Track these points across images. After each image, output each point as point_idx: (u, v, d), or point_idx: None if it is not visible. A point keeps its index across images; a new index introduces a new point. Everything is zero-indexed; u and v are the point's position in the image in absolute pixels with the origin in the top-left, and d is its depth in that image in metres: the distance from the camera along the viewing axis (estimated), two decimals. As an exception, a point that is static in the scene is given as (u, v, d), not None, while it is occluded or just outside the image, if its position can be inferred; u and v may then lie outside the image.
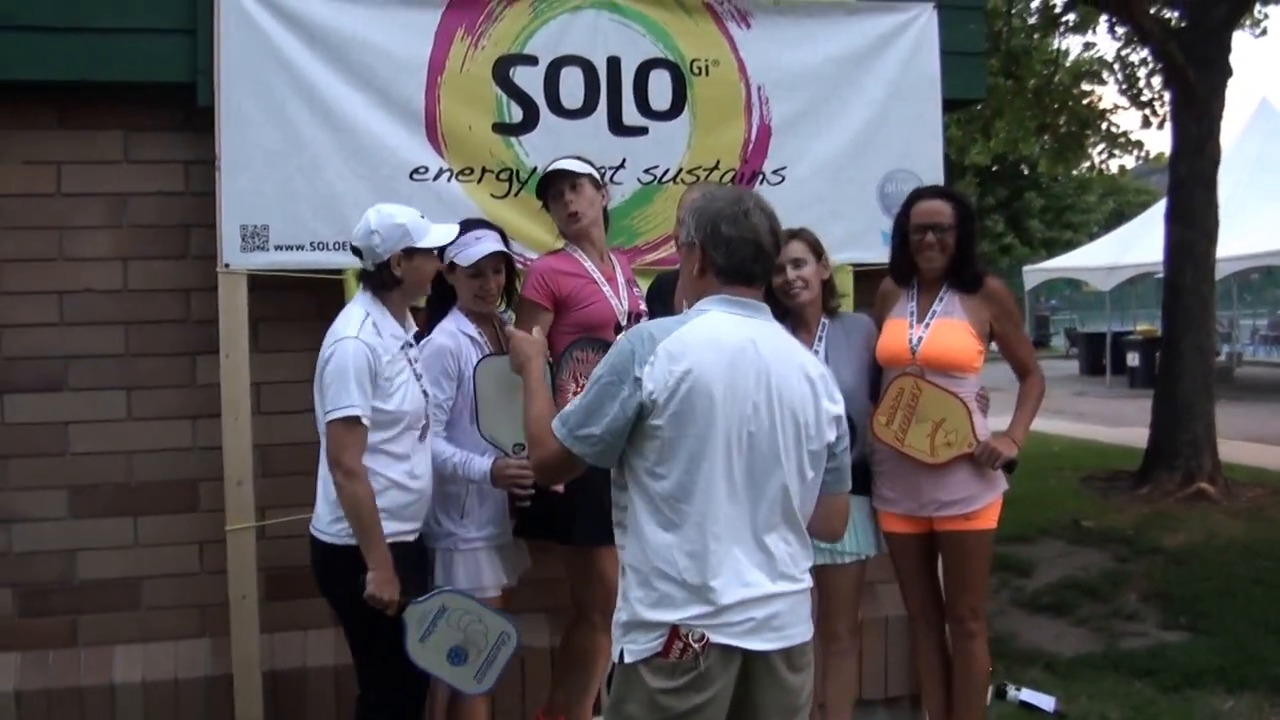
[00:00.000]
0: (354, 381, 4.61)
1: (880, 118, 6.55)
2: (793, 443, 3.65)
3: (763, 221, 3.73)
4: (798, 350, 3.79)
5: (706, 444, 3.54)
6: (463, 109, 6.00)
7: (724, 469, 3.56)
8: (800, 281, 5.43)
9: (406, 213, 4.87)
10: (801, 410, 3.67)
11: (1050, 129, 17.98)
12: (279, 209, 5.75)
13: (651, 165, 6.24)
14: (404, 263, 4.83)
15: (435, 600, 4.76)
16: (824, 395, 3.75)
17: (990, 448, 5.37)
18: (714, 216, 3.72)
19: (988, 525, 5.49)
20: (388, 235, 4.79)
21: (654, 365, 3.53)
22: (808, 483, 3.72)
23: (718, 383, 3.55)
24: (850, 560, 5.58)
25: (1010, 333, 5.57)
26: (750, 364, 3.60)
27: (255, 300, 5.73)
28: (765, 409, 3.60)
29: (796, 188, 6.39)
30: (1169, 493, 12.89)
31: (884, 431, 5.45)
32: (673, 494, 3.57)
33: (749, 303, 3.73)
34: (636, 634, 3.62)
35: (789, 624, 3.68)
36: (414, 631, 4.73)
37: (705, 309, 3.71)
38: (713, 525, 3.55)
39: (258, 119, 5.71)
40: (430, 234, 4.88)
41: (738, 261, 3.71)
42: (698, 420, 3.53)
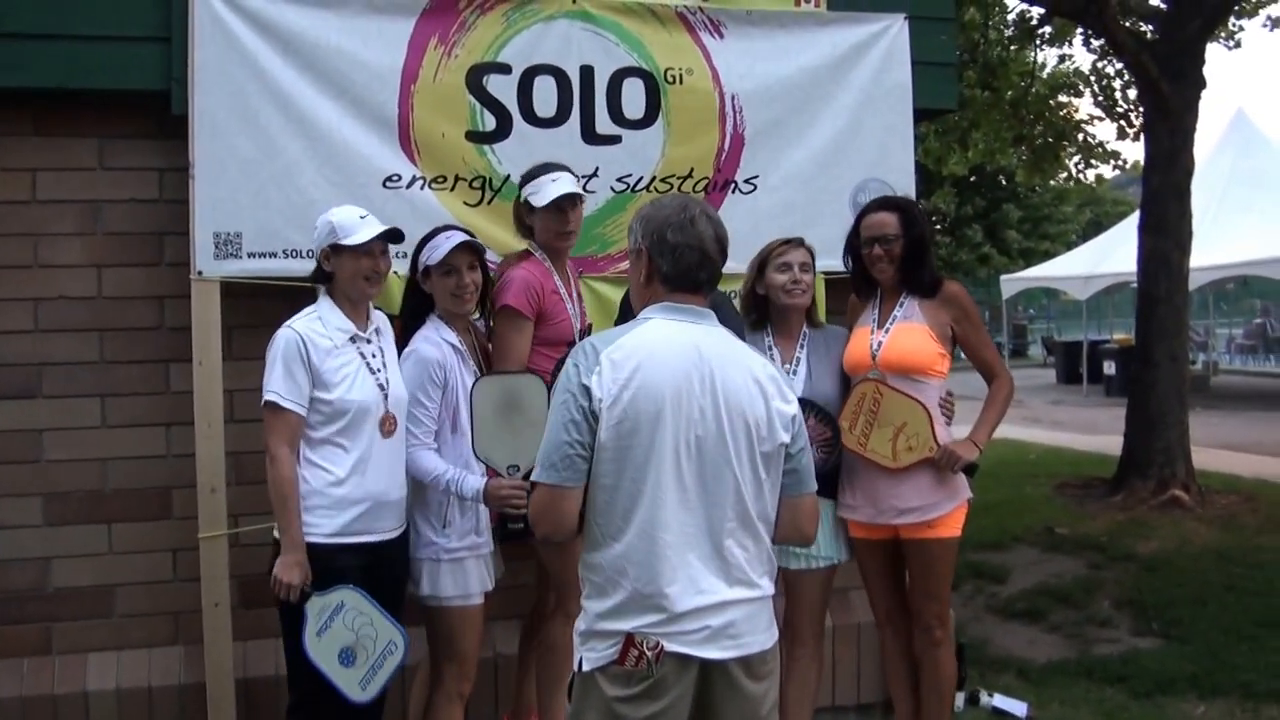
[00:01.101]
0: (280, 368, 4.75)
1: (852, 127, 6.59)
2: (744, 446, 3.62)
3: (708, 229, 3.72)
4: (745, 353, 3.77)
5: (653, 451, 3.52)
6: (436, 117, 6.00)
7: (674, 475, 3.54)
8: (803, 285, 5.48)
9: (344, 212, 5.01)
10: (751, 412, 3.64)
11: (1027, 140, 18.02)
12: (252, 216, 5.74)
13: (624, 173, 6.25)
14: (332, 258, 4.95)
15: (336, 595, 4.77)
16: (775, 396, 3.71)
17: (949, 451, 5.38)
18: (660, 224, 3.71)
19: (951, 533, 5.49)
20: (319, 232, 4.99)
21: (600, 375, 3.52)
22: (763, 486, 3.69)
23: (663, 389, 3.53)
24: (823, 565, 5.60)
25: (972, 335, 5.58)
26: (695, 369, 3.59)
27: (228, 308, 5.72)
28: (712, 413, 3.58)
29: (769, 196, 6.43)
30: (1143, 500, 12.89)
31: (847, 436, 5.47)
32: (622, 503, 3.55)
33: (693, 309, 3.72)
34: (594, 642, 3.61)
35: (746, 632, 3.64)
36: (312, 623, 4.76)
37: (649, 317, 3.71)
38: (664, 533, 3.53)
39: (231, 127, 5.71)
40: (357, 234, 4.92)
41: (683, 269, 3.70)
42: (644, 428, 3.52)
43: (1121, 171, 21.00)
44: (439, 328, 5.19)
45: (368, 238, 4.91)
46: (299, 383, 4.75)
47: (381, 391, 4.91)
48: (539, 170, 5.51)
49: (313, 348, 4.78)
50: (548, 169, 5.49)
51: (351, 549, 4.83)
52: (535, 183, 5.45)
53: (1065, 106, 18.22)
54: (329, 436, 4.84)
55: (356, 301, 5.00)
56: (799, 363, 5.55)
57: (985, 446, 5.51)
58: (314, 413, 4.82)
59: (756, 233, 6.20)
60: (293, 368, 4.75)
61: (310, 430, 4.84)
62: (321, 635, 4.76)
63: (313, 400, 4.80)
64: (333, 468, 4.83)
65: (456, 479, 4.98)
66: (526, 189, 5.48)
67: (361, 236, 4.90)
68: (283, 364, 4.75)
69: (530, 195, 5.46)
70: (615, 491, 3.56)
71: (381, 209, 5.32)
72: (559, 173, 5.48)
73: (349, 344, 4.89)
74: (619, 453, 3.53)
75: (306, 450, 4.85)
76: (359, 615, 4.80)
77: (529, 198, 5.46)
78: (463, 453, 5.08)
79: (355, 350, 4.90)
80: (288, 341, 4.78)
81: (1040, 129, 17.79)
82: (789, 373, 5.50)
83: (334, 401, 4.80)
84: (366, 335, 4.98)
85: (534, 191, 5.44)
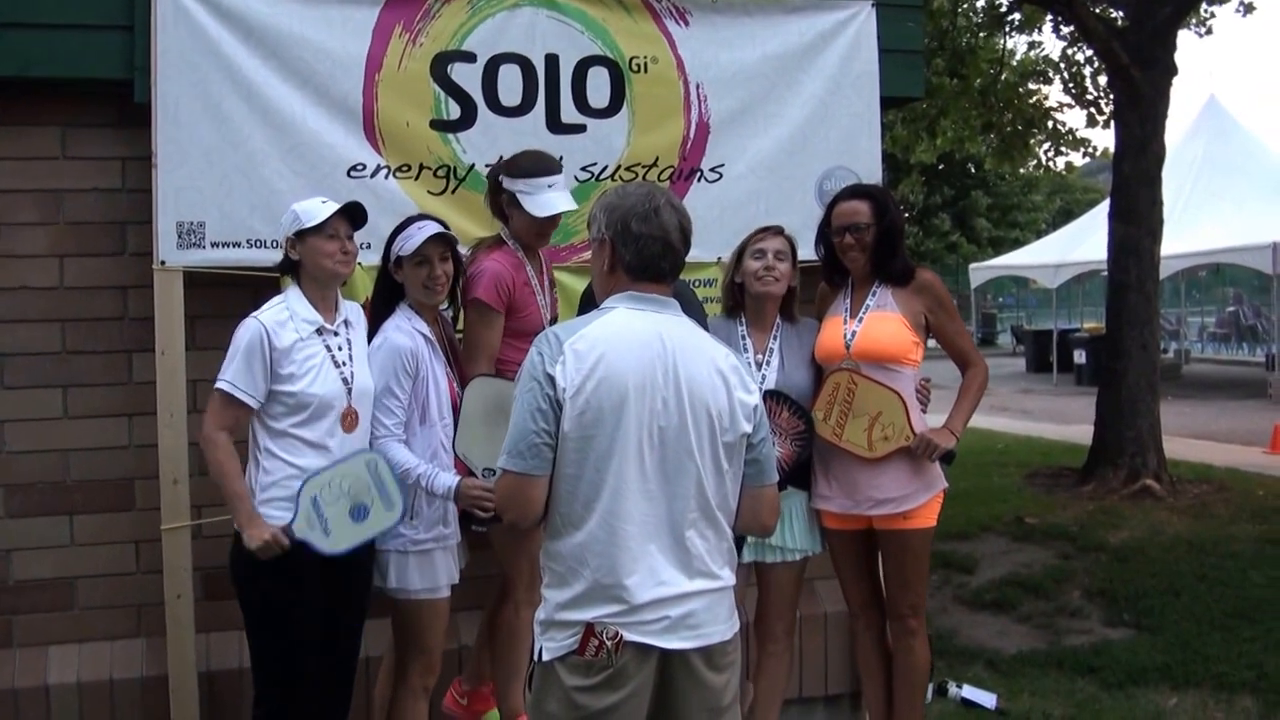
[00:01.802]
0: (240, 359, 4.80)
1: (819, 115, 6.63)
2: (706, 436, 3.68)
3: (672, 219, 3.77)
4: (707, 343, 3.82)
5: (616, 441, 3.58)
6: (401, 106, 6.03)
7: (635, 466, 3.60)
8: (776, 272, 5.50)
9: (306, 201, 5.08)
10: (714, 403, 3.69)
11: (996, 127, 18.14)
12: (215, 206, 5.76)
13: (589, 162, 6.29)
14: (298, 245, 4.99)
15: (302, 499, 4.81)
16: (737, 387, 3.77)
17: (926, 439, 5.42)
18: (625, 214, 3.76)
19: (926, 523, 5.55)
20: (284, 223, 5.05)
21: (564, 364, 3.57)
22: (725, 476, 3.74)
23: (626, 379, 3.59)
24: (797, 557, 5.66)
25: (946, 324, 5.63)
26: (657, 359, 3.64)
27: (191, 298, 5.73)
28: (675, 403, 3.64)
29: (735, 185, 6.48)
30: (1113, 490, 13.04)
31: (821, 426, 5.50)
32: (584, 492, 3.61)
33: (656, 298, 3.77)
34: (554, 631, 3.66)
35: (706, 622, 3.69)
36: (317, 537, 4.82)
37: (611, 306, 3.76)
38: (625, 523, 3.59)
39: (194, 116, 5.72)
40: (319, 216, 4.97)
41: (647, 258, 3.75)
42: (607, 418, 3.57)
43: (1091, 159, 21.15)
44: (410, 317, 5.19)
45: (325, 216, 4.95)
46: (255, 376, 4.79)
47: (345, 386, 4.93)
48: (533, 167, 5.47)
49: (276, 342, 4.81)
50: (542, 169, 5.46)
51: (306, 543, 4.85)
52: (530, 182, 5.42)
53: (1035, 94, 18.36)
54: (289, 428, 4.87)
55: (325, 286, 5.03)
56: (771, 353, 5.60)
57: (961, 434, 5.57)
58: (276, 403, 4.85)
59: (722, 221, 6.28)
60: (252, 360, 4.79)
61: (272, 420, 4.88)
62: (330, 533, 4.83)
63: (274, 393, 4.84)
64: (293, 459, 4.87)
65: (428, 475, 4.99)
66: (519, 184, 5.44)
67: (322, 216, 4.95)
68: (243, 356, 4.79)
69: (523, 196, 5.42)
70: (577, 481, 3.61)
71: (346, 198, 5.33)
72: (555, 178, 5.47)
73: (315, 336, 4.92)
74: (582, 442, 3.58)
75: (267, 440, 4.89)
76: (329, 485, 4.85)
77: (520, 196, 5.44)
78: (431, 443, 5.12)
79: (321, 343, 4.93)
80: (252, 333, 4.81)
81: (1009, 116, 17.91)
82: (761, 363, 5.55)
83: (296, 394, 4.83)
84: (334, 327, 5.00)
85: (528, 193, 5.41)
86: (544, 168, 5.47)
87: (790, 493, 5.52)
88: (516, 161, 5.54)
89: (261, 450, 4.90)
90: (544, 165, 5.49)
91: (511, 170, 5.50)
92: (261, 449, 4.90)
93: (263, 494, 4.85)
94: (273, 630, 4.91)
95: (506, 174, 5.50)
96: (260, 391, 4.81)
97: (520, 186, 5.43)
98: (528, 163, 5.50)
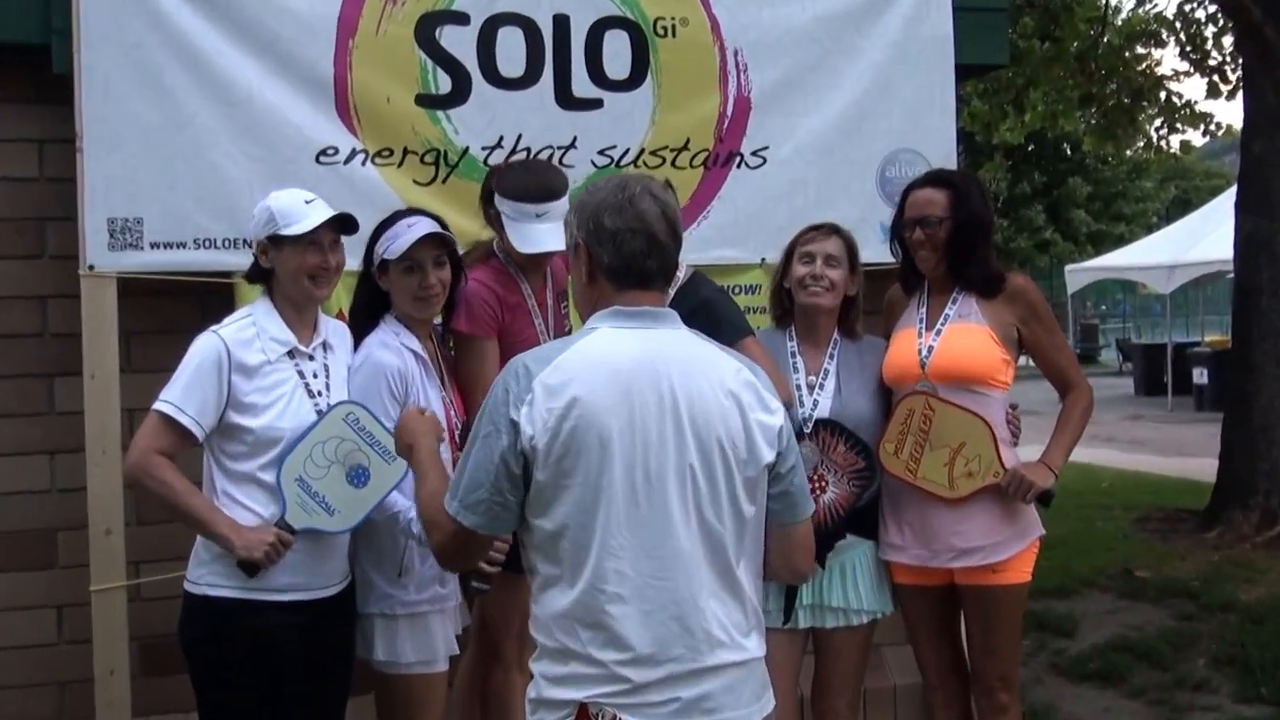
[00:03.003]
0: (189, 375, 4.66)
1: (880, 88, 6.59)
2: (720, 473, 3.57)
3: (653, 207, 3.64)
4: (714, 358, 3.70)
5: (601, 491, 3.46)
6: (379, 78, 6.00)
7: (627, 518, 3.48)
8: (825, 281, 5.40)
9: (286, 196, 4.89)
10: (725, 432, 3.58)
11: (1097, 100, 18.07)
12: (155, 199, 5.73)
13: (607, 145, 6.26)
14: (270, 251, 4.83)
15: (285, 487, 4.71)
16: (754, 407, 3.65)
17: (1021, 477, 5.31)
18: (595, 209, 3.65)
19: (1019, 578, 5.44)
20: (256, 220, 4.87)
21: (531, 405, 3.46)
22: (747, 520, 3.64)
23: (611, 414, 3.47)
24: (865, 620, 5.54)
25: (1043, 338, 5.52)
26: (651, 386, 3.53)
27: (127, 309, 5.71)
28: (675, 438, 3.53)
29: (780, 171, 6.45)
30: (1244, 536, 12.92)
31: (892, 461, 5.40)
32: (569, 551, 3.51)
33: (646, 310, 3.65)
34: (544, 712, 3.58)
35: (726, 705, 3.58)
36: (321, 521, 4.75)
37: (593, 327, 3.65)
38: (618, 587, 3.49)
39: (128, 89, 5.69)
40: (303, 220, 4.79)
41: (627, 258, 3.63)
42: (589, 463, 3.46)
43: (1213, 138, 21.04)
44: (398, 331, 5.09)
45: (313, 225, 4.78)
46: (206, 400, 4.65)
47: (319, 420, 4.82)
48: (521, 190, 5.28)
49: (237, 364, 4.68)
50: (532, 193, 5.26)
51: (284, 607, 4.74)
52: (516, 207, 5.26)
53: (1144, 59, 18.27)
54: (255, 471, 4.73)
55: (301, 306, 4.90)
56: (827, 374, 5.51)
57: (1061, 471, 5.47)
58: (236, 442, 4.74)
59: (766, 215, 6.24)
60: (204, 380, 4.65)
61: (231, 461, 4.76)
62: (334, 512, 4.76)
63: (232, 426, 4.71)
64: (259, 508, 4.73)
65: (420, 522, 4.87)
66: (504, 205, 5.29)
67: (306, 224, 4.78)
68: (193, 373, 4.65)
69: (507, 221, 5.29)
70: (559, 538, 3.52)
71: (314, 189, 5.28)
72: (548, 207, 5.24)
73: (286, 359, 4.81)
74: (560, 492, 3.49)
75: (227, 485, 4.76)
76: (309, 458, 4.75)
77: (505, 220, 5.30)
78: None
79: (293, 367, 4.82)
80: (207, 350, 4.68)
81: (1113, 87, 17.85)
82: (814, 386, 5.47)
83: (257, 430, 4.71)
84: (309, 350, 4.89)
85: (513, 219, 5.27)
86: (535, 192, 5.28)
87: (851, 543, 5.45)
88: (508, 174, 5.42)
89: (219, 496, 4.76)
90: (536, 189, 5.29)
91: (501, 185, 5.36)
92: (219, 494, 4.76)
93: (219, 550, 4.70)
94: (233, 713, 4.80)
95: (497, 188, 5.37)
96: (209, 419, 4.67)
97: (506, 209, 5.29)
98: (517, 182, 5.34)
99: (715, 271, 6.00)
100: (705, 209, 6.42)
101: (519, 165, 5.55)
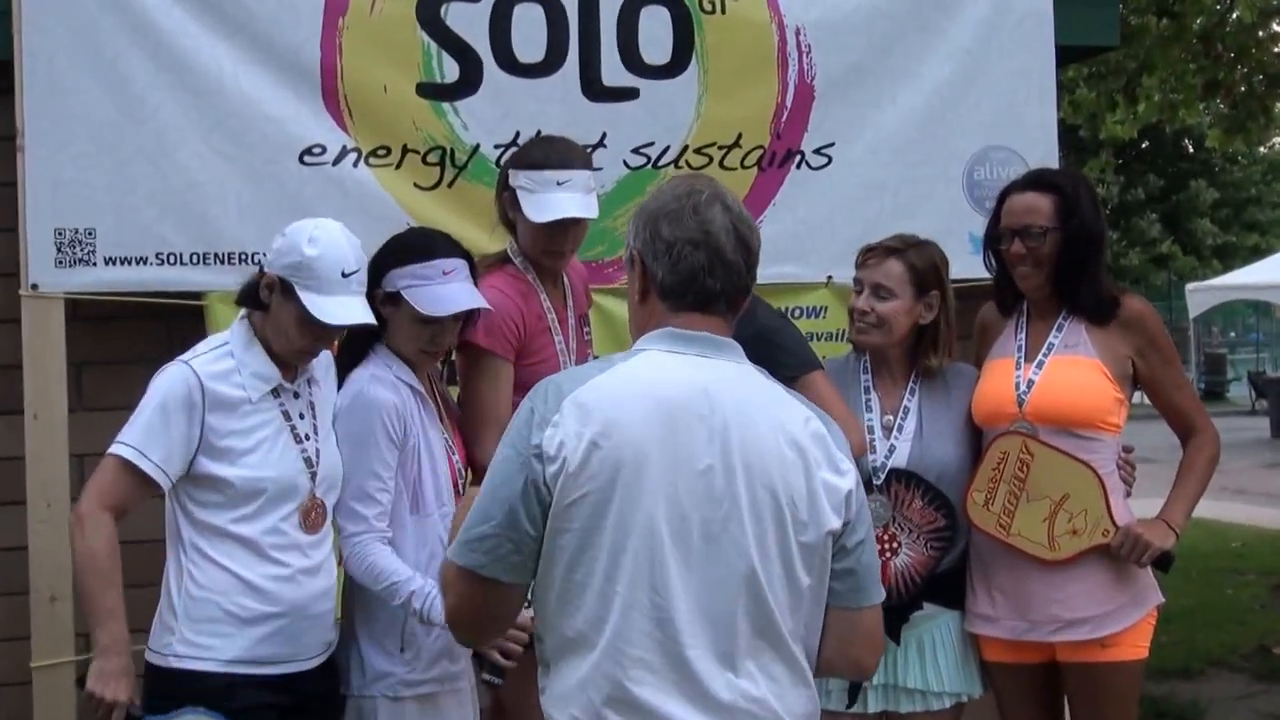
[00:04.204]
0: (153, 413, 4.58)
1: (966, 75, 6.61)
2: (772, 532, 3.50)
3: (721, 217, 3.59)
4: (781, 403, 3.66)
5: (630, 536, 3.41)
6: (375, 64, 6.04)
7: (659, 572, 3.43)
8: (872, 317, 5.33)
9: (328, 243, 4.67)
10: (784, 485, 3.51)
11: (1224, 87, 18.03)
12: (111, 206, 5.76)
13: (644, 143, 6.29)
14: (275, 292, 4.70)
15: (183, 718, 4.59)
16: (822, 464, 3.58)
17: (1136, 535, 5.24)
18: (653, 216, 3.63)
19: (1134, 654, 5.39)
20: (282, 247, 4.70)
21: (558, 427, 3.42)
22: (802, 591, 3.57)
23: (648, 447, 3.42)
24: (948, 705, 5.50)
25: (1162, 374, 5.46)
26: (699, 422, 3.47)
27: (76, 336, 5.75)
28: (724, 484, 3.46)
29: (848, 173, 6.46)
30: (1403, 606, 12.92)
31: (980, 515, 5.34)
32: (588, 610, 3.46)
33: (705, 337, 3.60)
34: None
35: None
36: None
37: (642, 349, 3.62)
38: (647, 653, 3.43)
39: (78, 77, 5.72)
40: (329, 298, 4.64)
41: (684, 275, 3.58)
42: (619, 504, 3.41)
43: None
44: (392, 364, 5.02)
45: (339, 321, 4.68)
46: (172, 443, 4.57)
47: (308, 469, 4.79)
48: (542, 157, 5.33)
49: (213, 400, 4.62)
50: (554, 160, 5.30)
51: (260, 682, 4.69)
52: (535, 176, 5.26)
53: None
54: (229, 525, 4.66)
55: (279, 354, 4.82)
56: (907, 414, 5.44)
57: (1184, 529, 5.42)
58: (208, 491, 4.67)
59: (831, 224, 6.25)
60: (172, 420, 4.56)
61: (201, 511, 4.68)
62: None
63: (205, 475, 4.64)
64: (234, 565, 4.66)
65: (426, 596, 4.76)
66: (521, 178, 5.28)
67: (330, 314, 4.64)
68: (158, 412, 4.58)
69: (523, 195, 5.27)
70: (578, 594, 3.47)
71: (299, 192, 5.31)
72: (571, 175, 5.30)
73: (269, 399, 4.74)
74: (584, 538, 3.44)
75: (196, 536, 4.69)
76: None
77: (520, 195, 5.28)
78: (428, 541, 4.97)
79: (277, 407, 4.76)
80: (175, 383, 4.61)
81: (1243, 71, 17.81)
82: (891, 429, 5.42)
83: (236, 482, 4.64)
84: (294, 387, 4.83)
85: (529, 190, 5.27)
86: (557, 159, 5.31)
87: (932, 613, 5.41)
88: (526, 149, 5.48)
89: (188, 551, 4.68)
90: (558, 156, 5.33)
91: (518, 160, 5.39)
92: (188, 549, 4.69)
93: (189, 615, 4.66)
94: None
95: (512, 164, 5.39)
96: (176, 467, 4.59)
97: (522, 181, 5.28)
98: (535, 149, 5.42)
99: (772, 292, 5.86)
100: (759, 217, 6.24)
101: (540, 139, 5.55)
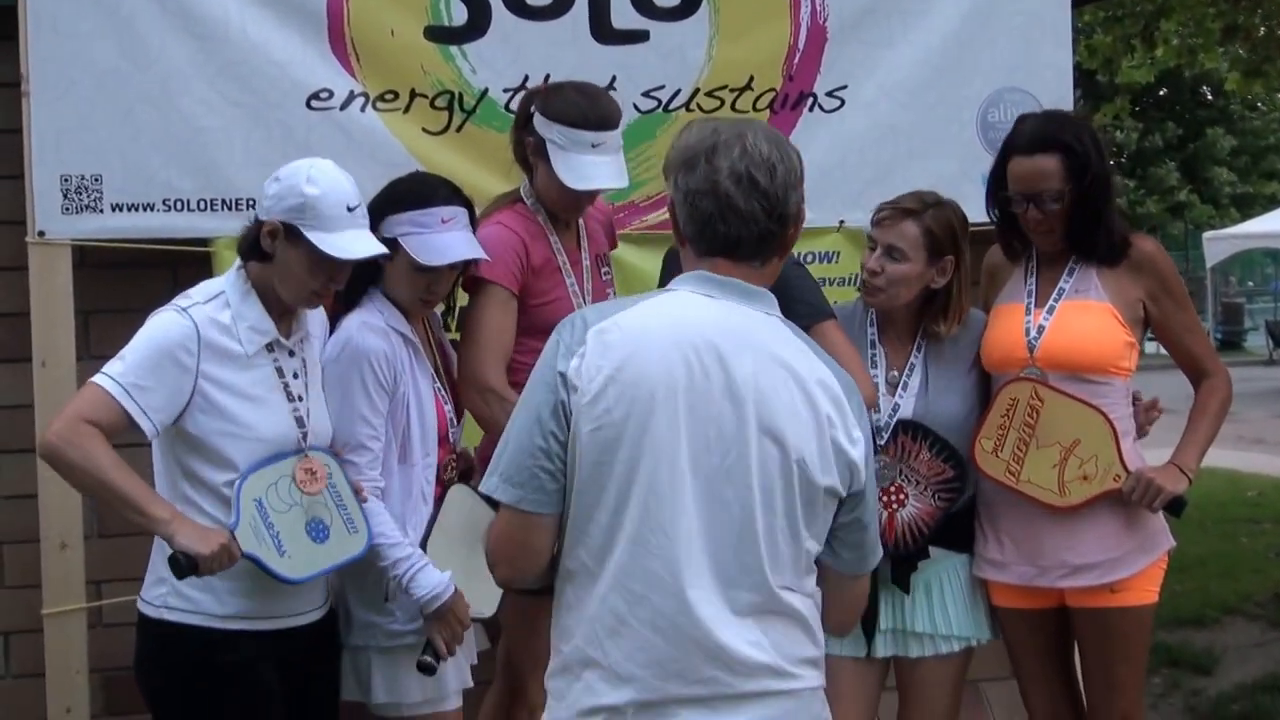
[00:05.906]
0: (145, 353, 4.50)
1: (981, 16, 6.56)
2: (779, 484, 3.52)
3: (732, 163, 3.56)
4: (806, 361, 3.64)
5: (638, 473, 3.44)
6: (382, 6, 6.02)
7: (669, 511, 3.45)
8: (881, 278, 5.27)
9: (327, 184, 4.63)
10: (794, 436, 3.52)
11: (1244, 31, 17.94)
12: (118, 152, 5.75)
13: (654, 86, 6.26)
14: (279, 239, 4.63)
15: (244, 501, 4.57)
16: (837, 426, 3.60)
17: (1147, 480, 5.23)
18: (674, 161, 3.66)
19: (1144, 599, 5.39)
20: (278, 190, 4.65)
21: (583, 358, 3.46)
22: (801, 543, 3.58)
23: (663, 387, 3.45)
24: (957, 649, 5.48)
25: (1173, 317, 5.45)
26: (717, 366, 3.49)
27: (84, 283, 5.76)
28: (735, 428, 3.49)
29: (862, 115, 6.43)
30: None
31: (989, 461, 5.32)
32: (594, 544, 3.51)
33: (735, 284, 3.61)
34: None
35: None
36: (268, 554, 4.60)
37: (673, 288, 3.66)
38: (649, 590, 3.46)
39: (82, 22, 5.70)
40: (337, 235, 4.61)
41: (700, 223, 3.60)
42: (630, 439, 3.44)
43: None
44: (384, 310, 5.01)
45: (350, 256, 4.64)
46: (163, 390, 4.48)
47: (299, 428, 4.76)
48: (577, 113, 5.24)
49: (209, 350, 4.56)
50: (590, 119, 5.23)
51: (254, 636, 4.68)
52: (569, 133, 5.20)
53: (1305, -20, 18.17)
54: (221, 487, 4.62)
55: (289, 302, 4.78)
56: (912, 370, 5.42)
57: (1195, 475, 5.41)
58: (202, 447, 4.62)
59: (844, 168, 6.23)
60: (162, 367, 4.49)
61: (198, 467, 4.64)
62: (284, 553, 4.63)
63: (195, 430, 4.58)
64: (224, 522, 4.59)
65: (411, 564, 4.81)
66: (554, 130, 5.22)
67: (341, 248, 4.60)
68: (151, 354, 4.50)
69: (554, 150, 5.21)
70: (584, 524, 3.52)
71: (306, 137, 5.30)
72: (605, 136, 5.26)
73: (263, 354, 4.70)
74: (595, 471, 3.47)
75: (192, 493, 4.65)
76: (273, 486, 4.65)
77: (550, 149, 5.23)
78: (412, 490, 5.00)
79: (271, 363, 4.72)
80: (171, 329, 4.54)
81: (1262, 15, 17.73)
82: (896, 384, 5.39)
83: (227, 438, 4.61)
84: (290, 344, 4.78)
85: (563, 148, 5.21)
86: (593, 118, 5.25)
87: (940, 557, 5.40)
88: (558, 95, 5.36)
89: (180, 503, 4.61)
90: (594, 115, 5.27)
91: (549, 107, 5.29)
92: (180, 502, 4.62)
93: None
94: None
95: (542, 110, 5.30)
96: (164, 415, 4.51)
97: (554, 135, 5.22)
98: (572, 104, 5.28)
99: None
100: (772, 161, 6.31)
101: (570, 85, 5.42)
